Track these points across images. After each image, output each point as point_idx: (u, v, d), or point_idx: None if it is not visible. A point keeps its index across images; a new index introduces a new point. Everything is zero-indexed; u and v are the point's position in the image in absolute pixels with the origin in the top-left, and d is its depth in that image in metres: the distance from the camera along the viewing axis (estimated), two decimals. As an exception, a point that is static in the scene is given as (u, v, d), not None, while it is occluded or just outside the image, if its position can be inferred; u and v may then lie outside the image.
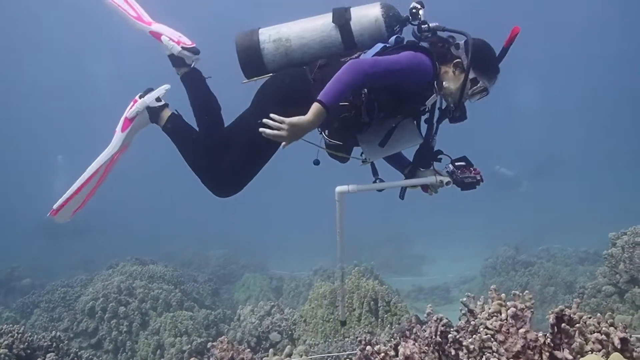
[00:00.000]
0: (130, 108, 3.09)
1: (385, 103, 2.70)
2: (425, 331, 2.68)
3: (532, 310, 2.29)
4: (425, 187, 2.98)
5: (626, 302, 5.16)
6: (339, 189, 2.85)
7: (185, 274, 10.27)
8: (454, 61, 2.70)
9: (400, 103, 2.71)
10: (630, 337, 1.83)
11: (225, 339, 3.35)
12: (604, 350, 1.75)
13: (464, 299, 2.65)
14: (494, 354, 1.95)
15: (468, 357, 2.31)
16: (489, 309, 2.23)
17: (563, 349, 1.86)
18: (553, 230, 16.38)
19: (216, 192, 2.95)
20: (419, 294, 12.57)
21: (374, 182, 2.96)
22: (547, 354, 1.83)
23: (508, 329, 1.95)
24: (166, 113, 3.06)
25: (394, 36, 2.77)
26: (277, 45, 2.86)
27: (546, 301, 8.52)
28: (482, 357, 2.18)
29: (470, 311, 2.63)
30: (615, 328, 1.85)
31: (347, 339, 4.84)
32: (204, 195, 3.08)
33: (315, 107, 2.42)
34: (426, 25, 2.76)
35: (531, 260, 10.84)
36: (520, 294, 2.38)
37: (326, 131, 2.78)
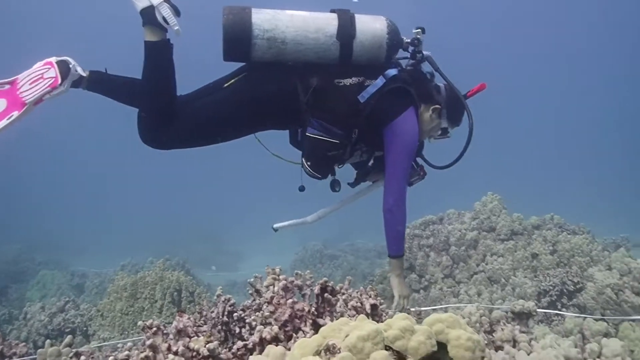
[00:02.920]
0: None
1: (370, 141, 2.87)
2: (213, 312, 2.75)
3: (311, 288, 2.50)
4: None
5: (405, 286, 5.86)
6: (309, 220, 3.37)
7: (-35, 272, 9.00)
8: (434, 106, 2.90)
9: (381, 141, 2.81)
10: (380, 303, 2.12)
11: (-5, 335, 3.03)
12: (358, 315, 1.98)
13: (251, 280, 2.77)
14: (267, 325, 2.09)
15: (249, 333, 2.44)
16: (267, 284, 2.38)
17: (325, 317, 2.07)
18: (361, 227, 17.81)
19: (143, 134, 2.77)
20: (232, 288, 12.70)
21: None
22: (311, 321, 2.02)
23: (279, 301, 2.10)
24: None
25: (393, 71, 2.78)
26: (271, 45, 2.63)
27: (351, 286, 9.24)
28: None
29: (257, 291, 2.76)
30: (369, 297, 2.12)
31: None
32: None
33: (397, 262, 3.06)
34: (420, 54, 2.85)
35: (337, 254, 11.68)
36: (302, 273, 2.59)
37: (309, 163, 2.83)
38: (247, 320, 2.51)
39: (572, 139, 38.95)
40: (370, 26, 2.72)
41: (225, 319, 2.64)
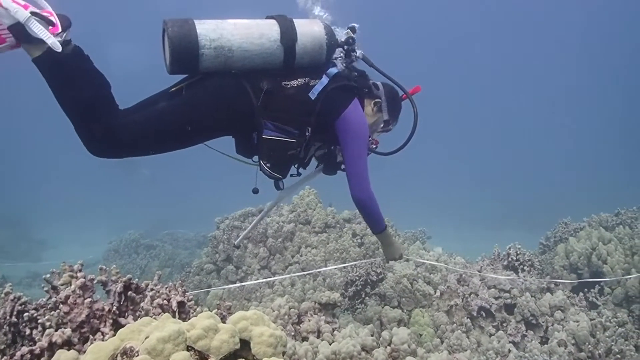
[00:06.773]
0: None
1: (323, 137, 3.01)
2: (-2, 312, 2.45)
3: (117, 284, 2.36)
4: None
5: (221, 278, 5.88)
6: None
7: None
8: (375, 100, 3.14)
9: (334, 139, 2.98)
10: (188, 300, 2.09)
11: None
12: (165, 313, 1.92)
13: (47, 276, 2.54)
14: (60, 327, 1.92)
15: (42, 335, 2.23)
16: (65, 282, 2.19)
17: (128, 316, 1.97)
18: (182, 216, 17.37)
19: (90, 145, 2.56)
20: (33, 281, 11.51)
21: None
22: (112, 321, 1.91)
23: (75, 300, 1.95)
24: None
25: (333, 70, 2.91)
26: (218, 54, 2.60)
27: (162, 281, 8.95)
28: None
29: (54, 288, 2.53)
30: (176, 293, 2.07)
31: None
32: None
33: (381, 237, 3.21)
34: (355, 53, 3.03)
35: (154, 244, 11.23)
36: (107, 268, 2.42)
37: (268, 164, 2.87)
38: (40, 321, 2.30)
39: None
40: (309, 29, 2.83)
41: (13, 319, 2.38)
